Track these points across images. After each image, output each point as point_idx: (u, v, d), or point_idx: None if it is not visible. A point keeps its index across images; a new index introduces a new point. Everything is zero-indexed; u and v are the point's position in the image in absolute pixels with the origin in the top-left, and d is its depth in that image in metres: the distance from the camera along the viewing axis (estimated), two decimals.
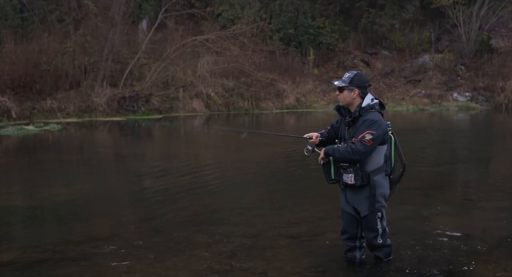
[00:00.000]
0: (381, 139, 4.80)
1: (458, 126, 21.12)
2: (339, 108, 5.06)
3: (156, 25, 25.03)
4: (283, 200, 8.33)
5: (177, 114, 22.84)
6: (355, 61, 30.24)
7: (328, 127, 5.24)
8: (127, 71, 23.09)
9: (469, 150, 14.16)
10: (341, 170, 4.89)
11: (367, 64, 30.35)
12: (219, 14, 28.16)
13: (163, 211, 7.52)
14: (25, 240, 6.16)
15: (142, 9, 27.23)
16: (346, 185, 4.93)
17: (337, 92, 5.02)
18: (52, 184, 9.52)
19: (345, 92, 4.92)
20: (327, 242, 5.83)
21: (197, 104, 23.68)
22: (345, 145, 4.81)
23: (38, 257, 5.49)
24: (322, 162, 4.99)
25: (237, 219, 6.99)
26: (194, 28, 27.84)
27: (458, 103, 27.33)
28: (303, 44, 29.81)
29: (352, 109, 4.92)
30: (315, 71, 29.42)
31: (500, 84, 27.12)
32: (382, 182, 4.89)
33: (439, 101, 27.34)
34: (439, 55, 29.85)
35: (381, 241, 4.96)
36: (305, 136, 5.16)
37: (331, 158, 4.91)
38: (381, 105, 5.02)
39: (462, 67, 29.43)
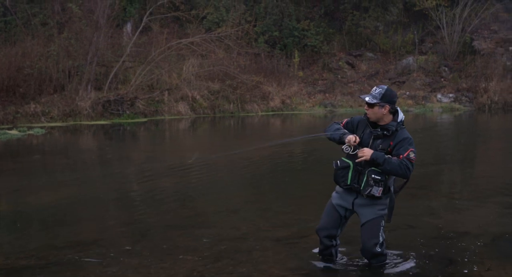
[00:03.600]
0: None
1: (442, 127, 21.28)
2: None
3: (140, 28, 24.93)
4: (269, 202, 8.34)
5: (162, 117, 22.79)
6: (340, 63, 30.35)
7: (343, 123, 5.16)
8: (112, 75, 22.97)
9: (453, 151, 14.28)
10: (372, 182, 4.83)
11: (352, 66, 30.47)
12: (204, 17, 28.12)
13: (148, 214, 7.50)
14: (8, 246, 6.10)
15: (126, 13, 27.12)
16: (371, 197, 4.90)
17: (366, 107, 4.98)
18: (36, 189, 9.44)
19: (376, 108, 4.90)
20: (313, 244, 5.84)
21: (182, 107, 23.61)
22: (396, 159, 4.77)
23: (22, 263, 5.45)
24: (338, 165, 4.99)
25: (223, 222, 6.99)
26: (179, 31, 27.79)
27: (442, 104, 27.52)
28: (288, 47, 29.88)
29: (381, 123, 4.93)
30: (300, 73, 29.48)
31: (483, 85, 27.36)
32: (393, 195, 5.04)
33: (423, 102, 27.52)
34: (422, 57, 30.05)
35: (379, 250, 4.98)
36: (346, 141, 4.92)
37: (351, 163, 4.90)
38: None
39: (446, 69, 29.65)
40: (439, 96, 28.01)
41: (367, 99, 4.90)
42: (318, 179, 10.03)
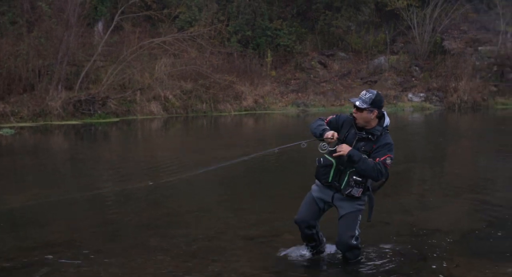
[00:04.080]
0: None
1: (413, 126, 21.53)
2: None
3: (112, 27, 24.68)
4: (242, 201, 8.34)
5: (134, 117, 22.61)
6: (312, 62, 30.48)
7: (327, 119, 5.18)
8: (83, 74, 22.70)
9: (424, 150, 14.46)
10: (353, 183, 4.93)
11: (324, 65, 30.63)
12: (177, 16, 27.99)
13: (119, 215, 7.43)
14: None
15: (98, 11, 26.83)
16: (351, 196, 4.98)
17: (354, 110, 5.01)
18: (5, 190, 9.28)
19: (364, 113, 4.93)
20: (284, 243, 5.86)
21: (155, 107, 23.46)
22: (372, 161, 4.84)
23: None
24: (321, 162, 5.01)
25: (195, 221, 6.97)
26: (151, 30, 27.59)
27: (413, 103, 27.84)
28: (260, 46, 29.90)
29: (367, 127, 4.97)
30: (273, 73, 29.54)
31: (453, 84, 27.75)
32: (372, 194, 5.14)
33: (394, 101, 27.79)
34: (394, 56, 30.36)
35: (355, 243, 5.05)
36: (324, 138, 4.96)
37: (334, 162, 4.96)
38: None
39: (417, 68, 30.01)
40: (410, 95, 28.33)
41: (357, 103, 4.92)
42: (291, 178, 10.07)
